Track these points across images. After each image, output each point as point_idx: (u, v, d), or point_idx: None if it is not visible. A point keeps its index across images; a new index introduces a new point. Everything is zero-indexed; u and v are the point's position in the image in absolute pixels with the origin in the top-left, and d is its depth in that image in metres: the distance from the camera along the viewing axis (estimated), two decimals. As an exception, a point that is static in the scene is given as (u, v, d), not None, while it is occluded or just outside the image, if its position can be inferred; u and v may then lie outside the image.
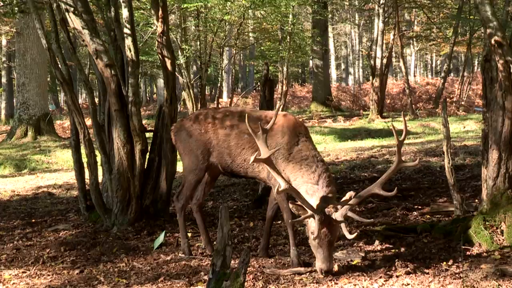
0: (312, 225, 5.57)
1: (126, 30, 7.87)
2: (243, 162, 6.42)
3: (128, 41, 7.82)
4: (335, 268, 5.76)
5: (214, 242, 6.15)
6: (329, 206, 5.61)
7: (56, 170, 15.55)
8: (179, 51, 19.71)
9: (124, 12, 7.97)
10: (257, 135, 5.60)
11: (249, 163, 6.25)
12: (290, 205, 5.67)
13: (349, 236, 5.51)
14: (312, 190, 5.77)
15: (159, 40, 8.09)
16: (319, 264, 5.59)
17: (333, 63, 46.32)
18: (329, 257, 5.58)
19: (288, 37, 23.81)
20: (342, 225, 5.57)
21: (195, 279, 5.74)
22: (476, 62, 45.75)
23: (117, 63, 7.89)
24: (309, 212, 5.55)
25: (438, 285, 5.28)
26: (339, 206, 5.62)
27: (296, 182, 5.90)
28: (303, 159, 6.00)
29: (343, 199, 5.74)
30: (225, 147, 6.49)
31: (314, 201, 5.64)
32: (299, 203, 5.59)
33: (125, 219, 7.86)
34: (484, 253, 6.11)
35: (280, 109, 20.85)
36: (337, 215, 5.56)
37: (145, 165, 8.01)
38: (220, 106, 24.48)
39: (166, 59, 8.06)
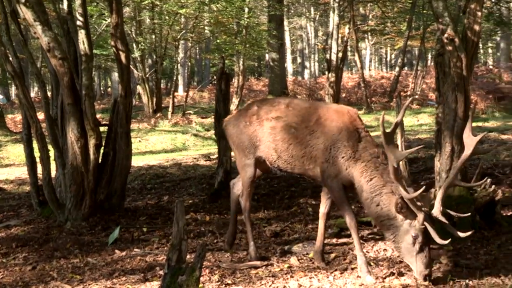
0: (413, 229, 5.07)
1: (79, 23, 7.76)
2: (290, 158, 5.88)
3: (82, 34, 7.71)
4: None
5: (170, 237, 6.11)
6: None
7: (8, 165, 15.26)
8: (134, 44, 19.54)
9: (77, 4, 7.86)
10: (386, 141, 5.10)
11: (298, 159, 5.83)
12: (398, 200, 5.05)
13: (441, 242, 4.96)
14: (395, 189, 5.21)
15: (113, 33, 8.00)
16: (422, 269, 5.04)
17: (289, 57, 46.44)
18: (430, 260, 5.15)
19: (244, 31, 23.78)
20: (430, 227, 5.01)
21: (150, 274, 5.70)
22: (429, 56, 46.39)
23: (70, 57, 7.77)
24: (420, 214, 5.02)
25: (392, 277, 5.35)
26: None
27: (373, 183, 5.37)
28: (373, 156, 5.45)
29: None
30: (271, 141, 5.96)
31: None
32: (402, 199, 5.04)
33: (78, 214, 7.75)
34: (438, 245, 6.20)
35: (238, 104, 20.46)
36: (438, 214, 5.09)
37: (99, 160, 7.92)
38: (176, 99, 24.35)
39: (121, 52, 7.98)
